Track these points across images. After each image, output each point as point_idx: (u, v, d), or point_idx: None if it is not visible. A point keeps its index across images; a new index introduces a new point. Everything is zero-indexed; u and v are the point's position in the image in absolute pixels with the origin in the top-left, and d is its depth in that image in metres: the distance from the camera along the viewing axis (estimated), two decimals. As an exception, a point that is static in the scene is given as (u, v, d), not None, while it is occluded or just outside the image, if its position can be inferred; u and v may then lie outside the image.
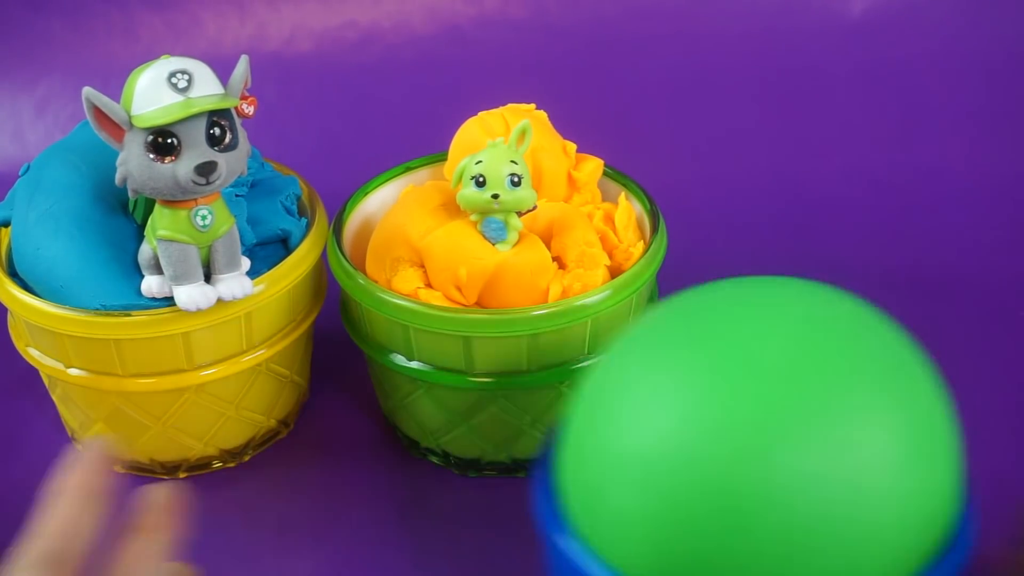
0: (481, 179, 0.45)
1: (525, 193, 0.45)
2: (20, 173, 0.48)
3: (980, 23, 0.74)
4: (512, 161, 0.45)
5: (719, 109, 0.74)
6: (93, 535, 0.34)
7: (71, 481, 0.35)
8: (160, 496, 0.36)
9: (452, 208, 0.48)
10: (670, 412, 0.30)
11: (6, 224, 0.48)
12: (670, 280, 0.53)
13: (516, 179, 0.44)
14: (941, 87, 0.74)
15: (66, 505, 0.34)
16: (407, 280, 0.46)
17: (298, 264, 0.47)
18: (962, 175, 0.71)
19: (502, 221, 0.45)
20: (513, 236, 0.46)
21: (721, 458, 0.29)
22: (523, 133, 0.45)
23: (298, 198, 0.51)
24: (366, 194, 0.52)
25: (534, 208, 0.46)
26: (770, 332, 0.31)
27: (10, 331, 0.49)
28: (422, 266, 0.47)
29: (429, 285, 0.46)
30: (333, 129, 0.74)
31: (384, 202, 0.52)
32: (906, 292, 0.61)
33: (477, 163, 0.45)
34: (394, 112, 0.74)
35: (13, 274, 0.47)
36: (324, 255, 0.49)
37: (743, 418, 0.29)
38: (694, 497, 0.29)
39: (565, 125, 0.53)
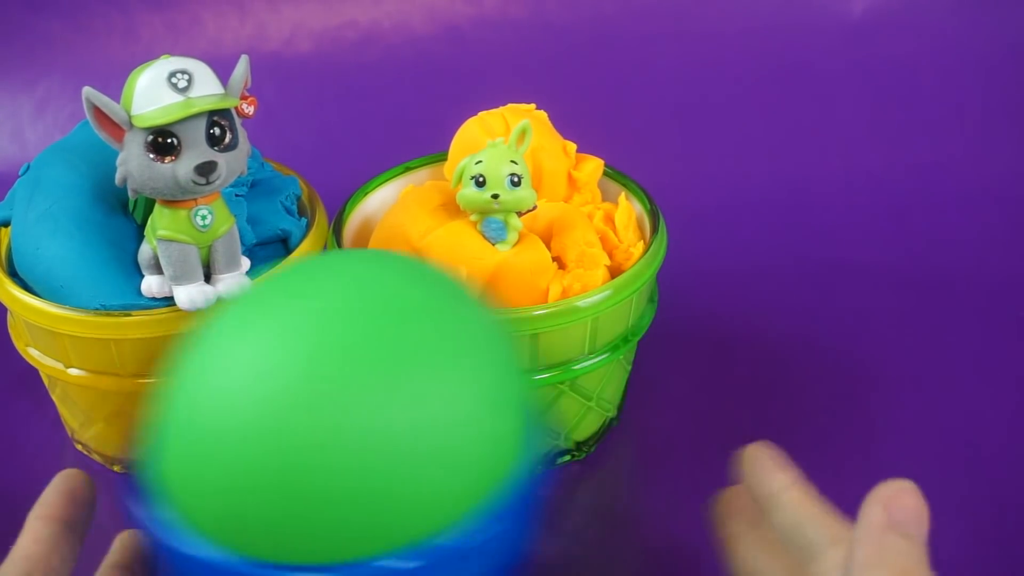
0: (481, 179, 0.45)
1: (525, 193, 0.45)
2: (20, 173, 0.48)
3: (979, 23, 0.74)
4: (512, 161, 0.45)
5: (719, 109, 0.74)
6: (64, 565, 0.33)
7: (41, 511, 0.34)
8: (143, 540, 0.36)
9: (452, 208, 0.48)
10: (234, 377, 0.31)
11: (6, 224, 0.48)
12: (670, 280, 0.53)
13: (516, 179, 0.44)
14: (941, 87, 0.74)
15: (35, 532, 0.34)
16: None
17: (298, 264, 0.47)
18: (962, 175, 0.71)
19: (502, 221, 0.45)
20: (513, 236, 0.46)
21: (281, 416, 0.30)
22: (523, 133, 0.45)
23: (298, 198, 0.51)
24: (366, 194, 0.52)
25: (534, 208, 0.46)
26: (334, 300, 0.32)
27: (10, 331, 0.49)
28: (422, 266, 0.47)
29: (429, 285, 0.46)
30: (333, 129, 0.74)
31: (384, 202, 0.52)
32: (906, 292, 0.61)
33: (477, 163, 0.45)
34: (394, 112, 0.74)
35: (13, 274, 0.47)
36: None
37: (303, 377, 0.30)
38: (258, 455, 0.30)
39: (565, 125, 0.53)
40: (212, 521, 0.31)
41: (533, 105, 0.52)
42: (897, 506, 0.30)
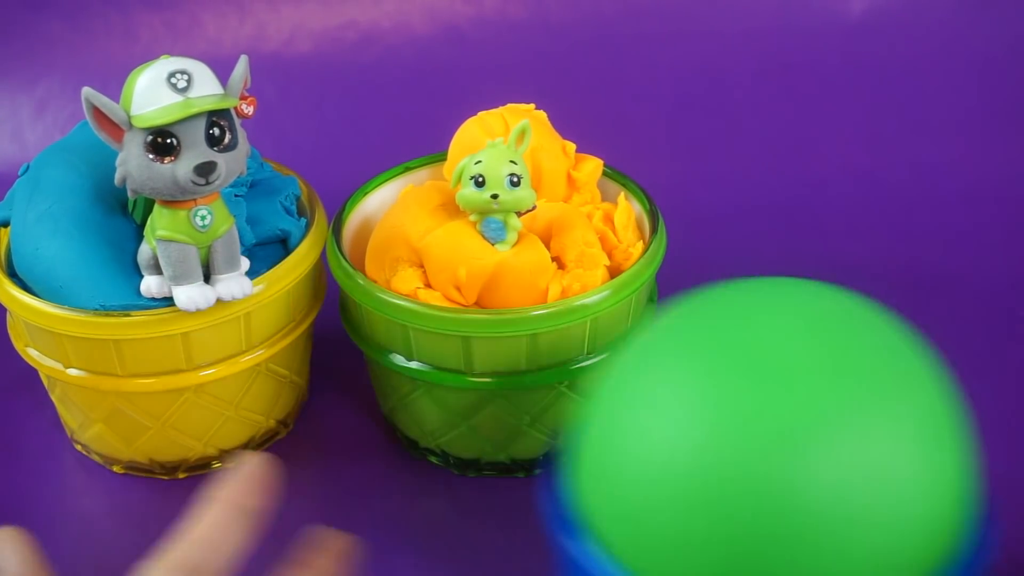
0: (480, 179, 0.45)
1: (524, 193, 0.45)
2: (19, 173, 0.48)
3: (980, 23, 0.74)
4: (511, 161, 0.45)
5: (719, 109, 0.74)
6: (237, 552, 0.33)
7: (223, 493, 0.34)
8: (336, 543, 0.36)
9: (451, 208, 0.48)
10: (690, 417, 0.30)
11: (5, 224, 0.48)
12: (669, 280, 0.53)
13: (515, 179, 0.44)
14: (941, 87, 0.74)
15: (214, 516, 0.33)
16: (406, 280, 0.46)
17: (297, 264, 0.47)
18: (962, 175, 0.71)
19: (501, 221, 0.45)
20: (512, 236, 0.46)
21: (744, 463, 0.29)
22: (522, 133, 0.45)
23: (297, 198, 0.51)
24: (365, 194, 0.52)
25: (533, 208, 0.46)
26: (786, 334, 0.31)
27: (9, 331, 0.49)
28: (421, 266, 0.47)
29: (428, 285, 0.46)
30: (333, 129, 0.74)
31: (384, 202, 0.52)
32: (906, 292, 0.61)
33: (476, 163, 0.45)
34: (394, 112, 0.74)
35: (12, 274, 0.47)
36: (323, 255, 0.49)
37: (763, 422, 0.29)
38: (716, 504, 0.29)
39: (565, 125, 0.53)
40: (642, 565, 0.31)
41: (533, 105, 0.52)
42: None
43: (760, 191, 0.70)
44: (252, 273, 0.46)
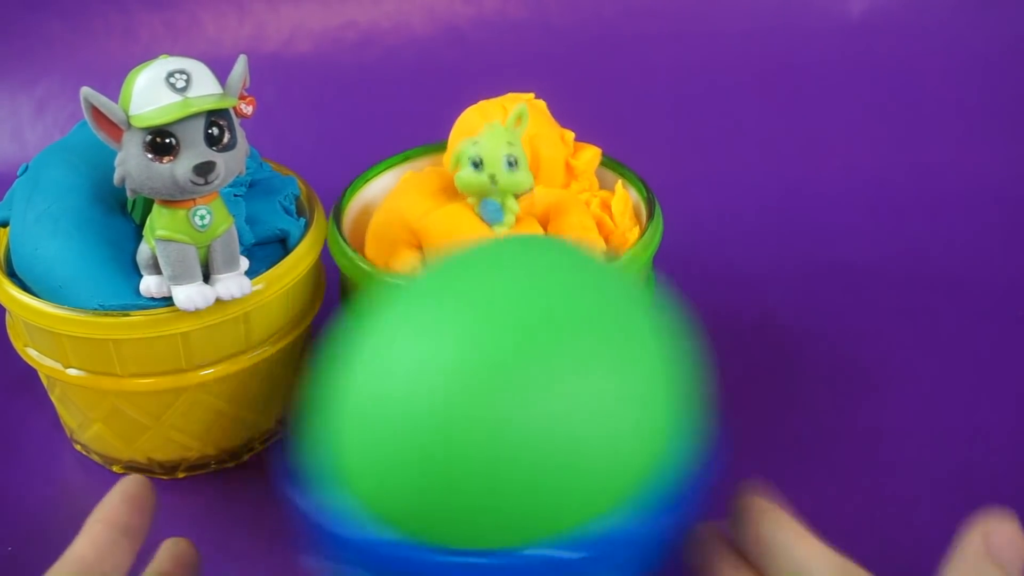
0: (478, 160, 0.45)
1: (522, 175, 0.45)
2: (18, 173, 0.48)
3: (980, 23, 0.74)
4: (508, 143, 0.45)
5: (719, 109, 0.74)
6: (118, 571, 0.33)
7: (101, 514, 0.34)
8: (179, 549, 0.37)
9: (451, 192, 0.48)
10: (405, 363, 0.31)
11: (5, 224, 0.48)
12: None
13: (512, 160, 0.44)
14: (941, 87, 0.74)
15: (93, 536, 0.34)
16: (405, 261, 0.46)
17: (297, 264, 0.47)
18: (962, 175, 0.71)
19: (499, 203, 0.45)
20: (510, 219, 0.46)
21: (451, 405, 0.30)
22: (520, 116, 0.45)
23: (296, 198, 0.51)
24: (366, 181, 0.52)
25: (530, 190, 0.46)
26: (505, 287, 0.33)
27: (8, 331, 0.49)
28: (420, 248, 0.47)
29: (427, 269, 0.46)
30: (332, 129, 0.74)
31: (384, 189, 0.52)
32: (905, 291, 0.61)
33: (474, 144, 0.45)
34: (393, 112, 0.74)
35: (11, 274, 0.47)
36: (323, 254, 0.49)
37: (474, 367, 0.31)
38: (428, 442, 0.30)
39: (564, 125, 0.53)
40: (379, 505, 0.32)
41: (532, 94, 0.52)
42: (996, 535, 0.31)
43: (759, 191, 0.70)
44: (251, 273, 0.46)
